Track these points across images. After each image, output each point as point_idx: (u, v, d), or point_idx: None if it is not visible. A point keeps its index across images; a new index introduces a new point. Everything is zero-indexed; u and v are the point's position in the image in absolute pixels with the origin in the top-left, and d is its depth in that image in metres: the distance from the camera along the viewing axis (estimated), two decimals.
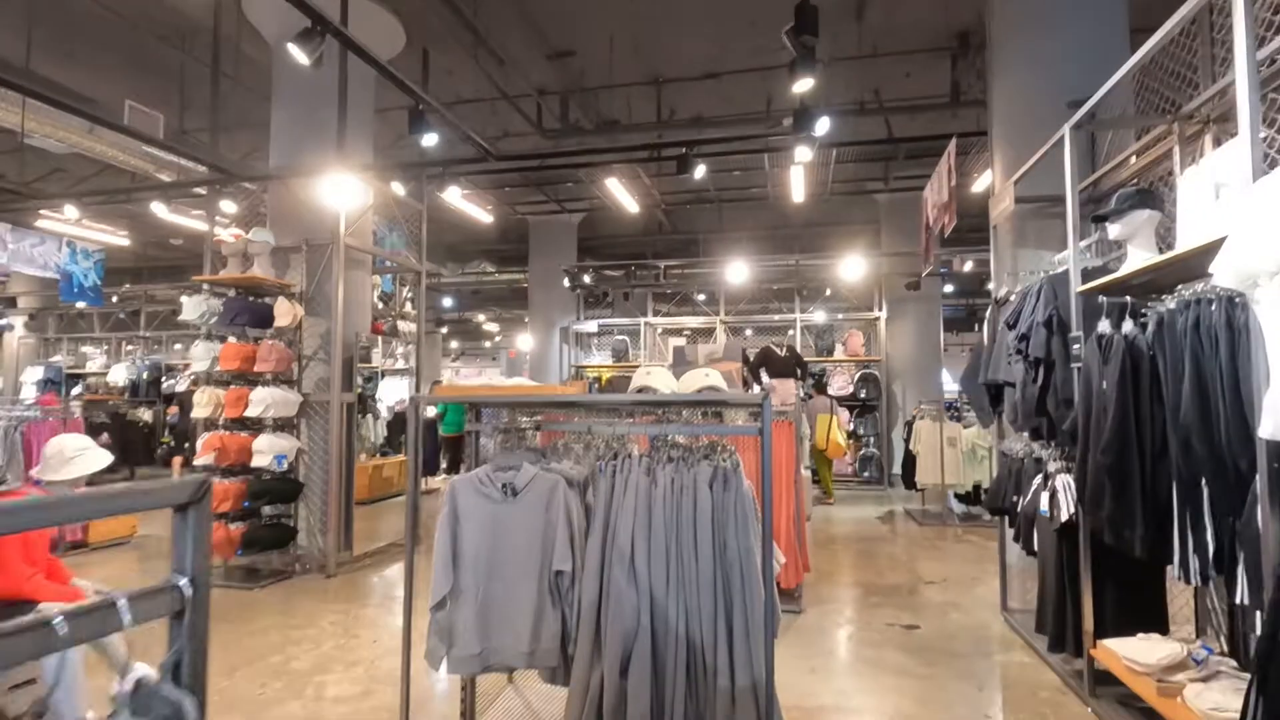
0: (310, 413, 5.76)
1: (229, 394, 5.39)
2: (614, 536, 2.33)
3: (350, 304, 5.89)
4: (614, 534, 2.34)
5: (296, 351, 5.72)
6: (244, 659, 3.85)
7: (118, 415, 12.08)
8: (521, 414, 3.20)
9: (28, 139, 7.44)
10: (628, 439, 2.73)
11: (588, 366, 12.30)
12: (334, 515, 5.57)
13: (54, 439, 3.12)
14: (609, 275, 12.23)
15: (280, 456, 5.39)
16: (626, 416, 2.97)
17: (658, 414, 2.86)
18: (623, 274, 11.72)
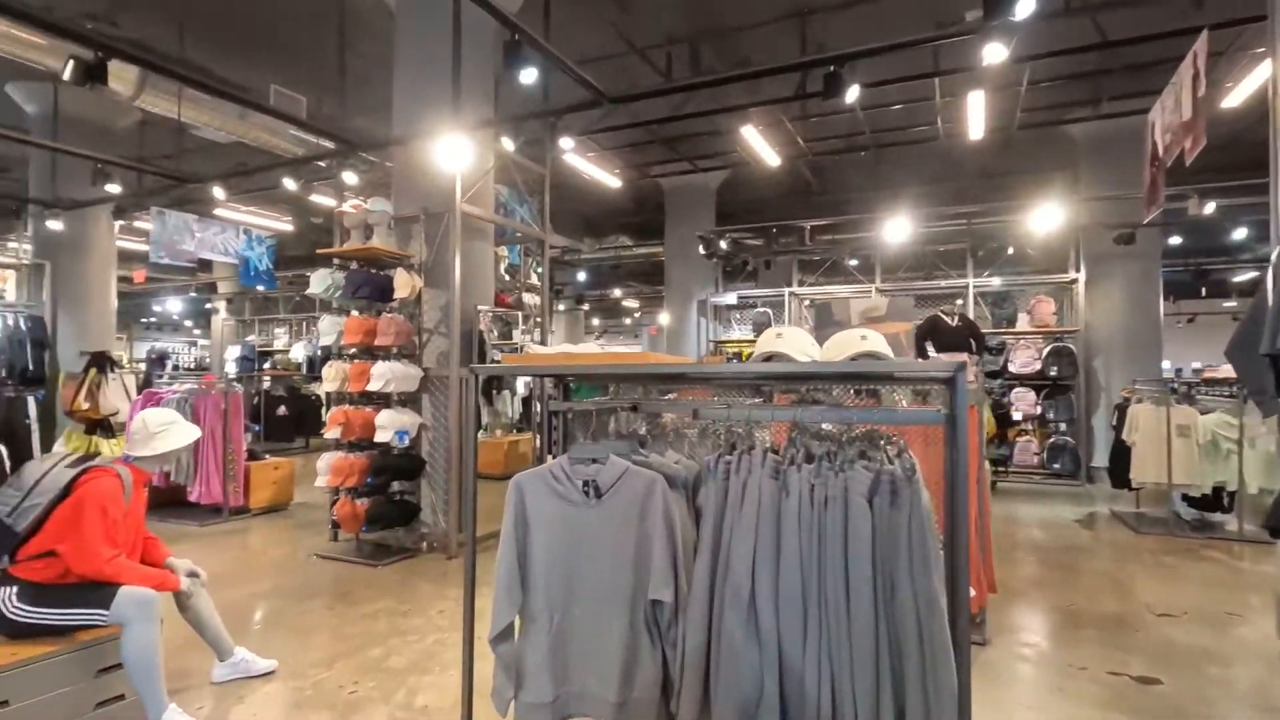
0: (431, 388, 5.58)
1: (353, 368, 5.31)
2: (727, 566, 1.65)
3: (470, 275, 5.61)
4: (727, 562, 1.65)
5: (416, 325, 5.54)
6: (346, 649, 3.62)
7: (293, 390, 13.18)
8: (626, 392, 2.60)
9: (195, 131, 7.97)
10: (756, 427, 2.03)
11: (727, 341, 11.52)
12: (454, 494, 5.35)
13: (138, 414, 2.97)
14: (748, 243, 11.33)
15: (402, 432, 5.24)
16: (751, 395, 2.26)
17: (797, 391, 2.12)
18: (764, 241, 10.77)
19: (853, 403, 1.91)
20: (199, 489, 6.67)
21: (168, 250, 9.86)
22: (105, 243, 9.26)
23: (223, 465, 6.73)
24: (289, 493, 7.40)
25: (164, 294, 18.35)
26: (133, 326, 22.52)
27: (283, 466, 7.35)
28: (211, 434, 6.72)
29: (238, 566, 5.20)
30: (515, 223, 6.38)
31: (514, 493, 1.98)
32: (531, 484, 1.98)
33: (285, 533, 6.33)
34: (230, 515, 6.78)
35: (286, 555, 5.52)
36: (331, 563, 5.24)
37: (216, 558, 5.40)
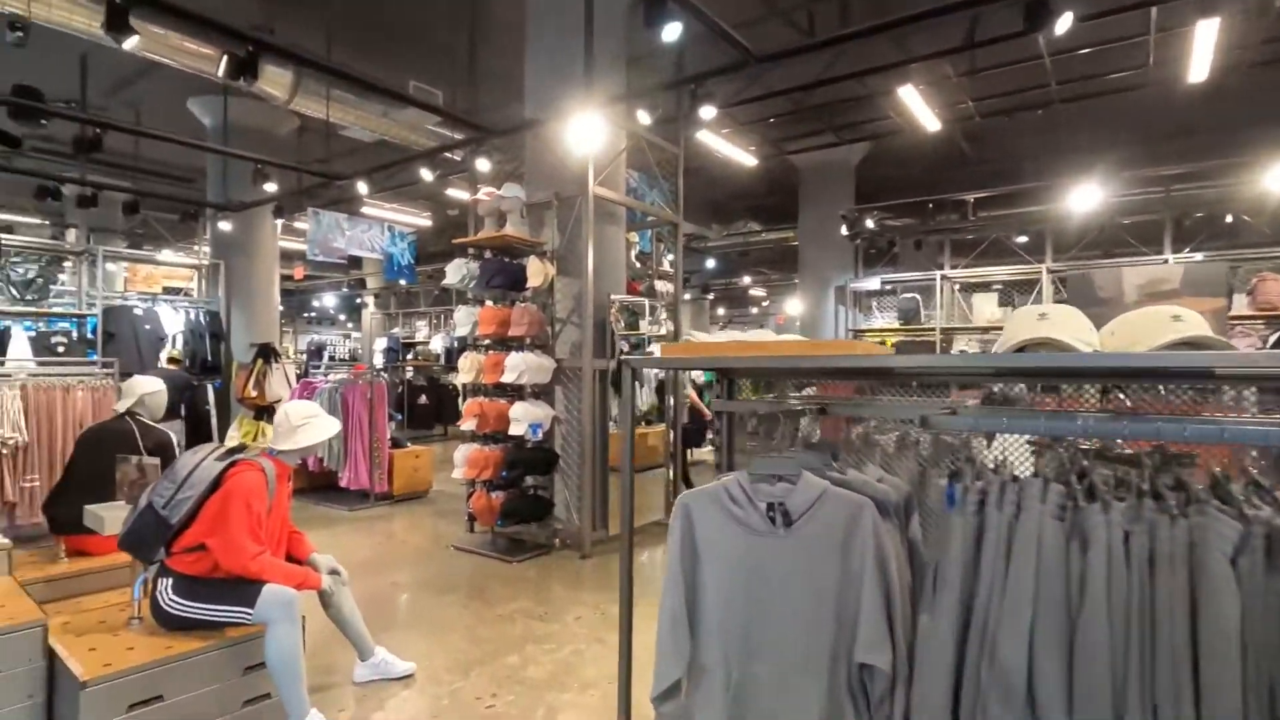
0: (564, 380, 5.39)
1: (487, 359, 5.21)
2: (992, 646, 1.17)
3: (602, 262, 5.35)
4: (991, 640, 1.18)
5: (549, 314, 5.36)
6: (483, 654, 3.45)
7: (433, 379, 13.78)
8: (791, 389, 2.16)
9: (343, 131, 8.32)
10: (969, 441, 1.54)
11: (867, 331, 10.66)
12: (588, 491, 5.13)
13: (281, 407, 2.90)
14: (889, 224, 10.39)
15: (535, 425, 5.08)
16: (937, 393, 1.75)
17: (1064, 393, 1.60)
18: (914, 219, 9.80)
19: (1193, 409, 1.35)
20: (348, 475, 6.95)
21: (322, 248, 10.49)
22: (269, 243, 9.98)
23: (369, 452, 6.96)
24: (428, 479, 7.58)
25: (321, 290, 19.94)
26: (296, 321, 24.78)
27: (423, 455, 7.53)
28: (359, 422, 6.97)
29: (381, 554, 5.27)
30: (648, 205, 6.05)
31: (680, 517, 1.60)
32: (701, 506, 1.59)
33: (425, 520, 6.43)
34: (376, 501, 7.02)
35: (425, 545, 5.55)
36: (468, 555, 5.19)
37: (363, 543, 5.53)
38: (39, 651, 2.46)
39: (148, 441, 3.86)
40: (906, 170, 11.62)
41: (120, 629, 2.64)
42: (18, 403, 5.37)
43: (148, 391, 4.03)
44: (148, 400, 4.03)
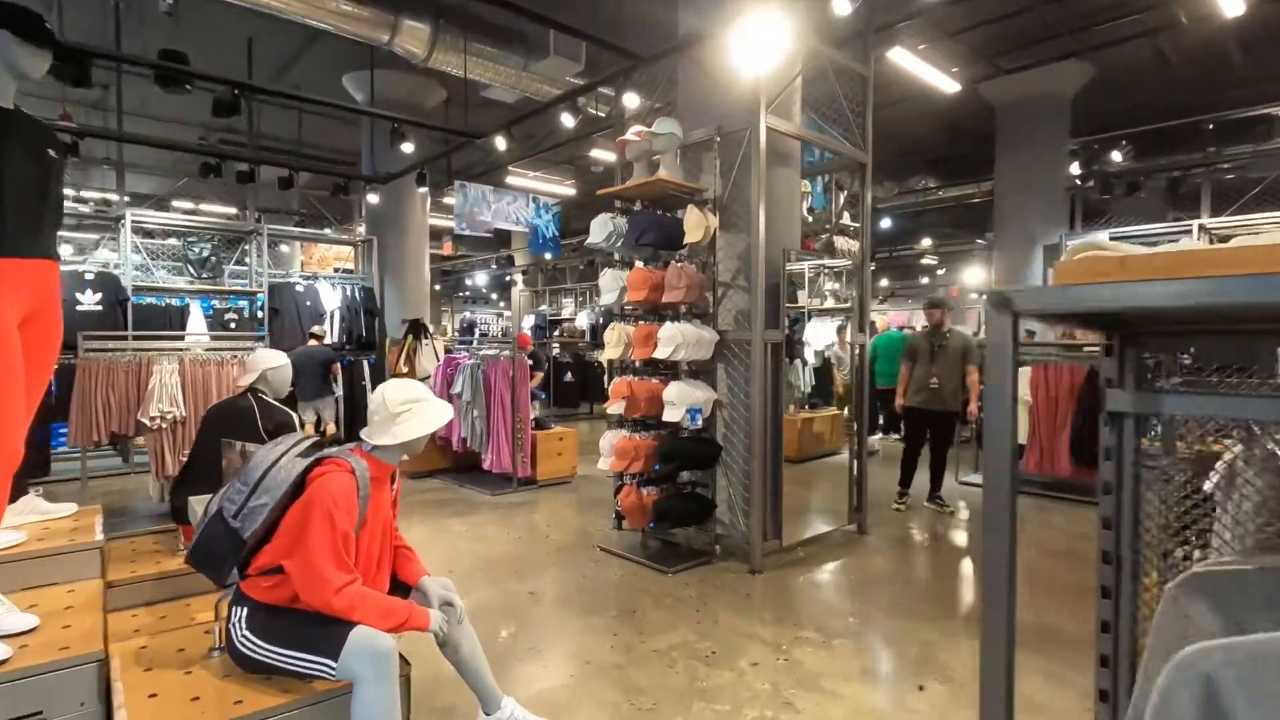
0: (727, 355, 4.46)
1: (637, 331, 4.40)
2: None
3: (775, 211, 4.34)
4: None
5: (710, 276, 4.44)
6: (636, 713, 2.65)
7: (578, 356, 13.42)
8: None
9: (484, 92, 7.86)
10: None
11: None
12: (758, 491, 4.19)
13: (378, 390, 2.22)
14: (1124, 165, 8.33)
15: (694, 410, 4.21)
16: None
17: None
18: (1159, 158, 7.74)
19: None
20: (490, 456, 6.52)
21: (469, 222, 10.29)
22: (419, 218, 9.92)
23: (511, 434, 6.48)
24: (572, 463, 7.01)
25: (474, 269, 20.47)
26: (453, 300, 25.93)
27: (567, 437, 6.97)
28: (500, 402, 6.50)
29: (521, 551, 4.68)
30: (832, 140, 4.90)
31: (1191, 699, 0.61)
32: (1252, 693, 0.58)
33: (568, 511, 5.82)
34: (518, 486, 6.55)
35: (569, 542, 4.90)
36: (616, 560, 4.46)
37: (502, 536, 4.99)
38: (94, 693, 1.97)
39: (268, 421, 3.44)
40: (1145, 98, 9.33)
41: (197, 661, 2.11)
42: (175, 377, 5.37)
43: (271, 366, 3.61)
44: (270, 376, 3.61)
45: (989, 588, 0.94)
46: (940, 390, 5.65)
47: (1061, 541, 4.99)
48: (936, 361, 5.69)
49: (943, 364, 5.68)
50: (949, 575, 4.32)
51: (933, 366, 5.67)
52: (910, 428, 5.96)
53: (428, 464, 7.23)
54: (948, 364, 5.68)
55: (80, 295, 6.94)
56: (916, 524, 5.44)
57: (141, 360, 5.26)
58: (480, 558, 4.51)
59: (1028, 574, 4.22)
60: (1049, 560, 4.55)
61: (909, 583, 4.13)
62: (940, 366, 5.68)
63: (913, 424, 5.90)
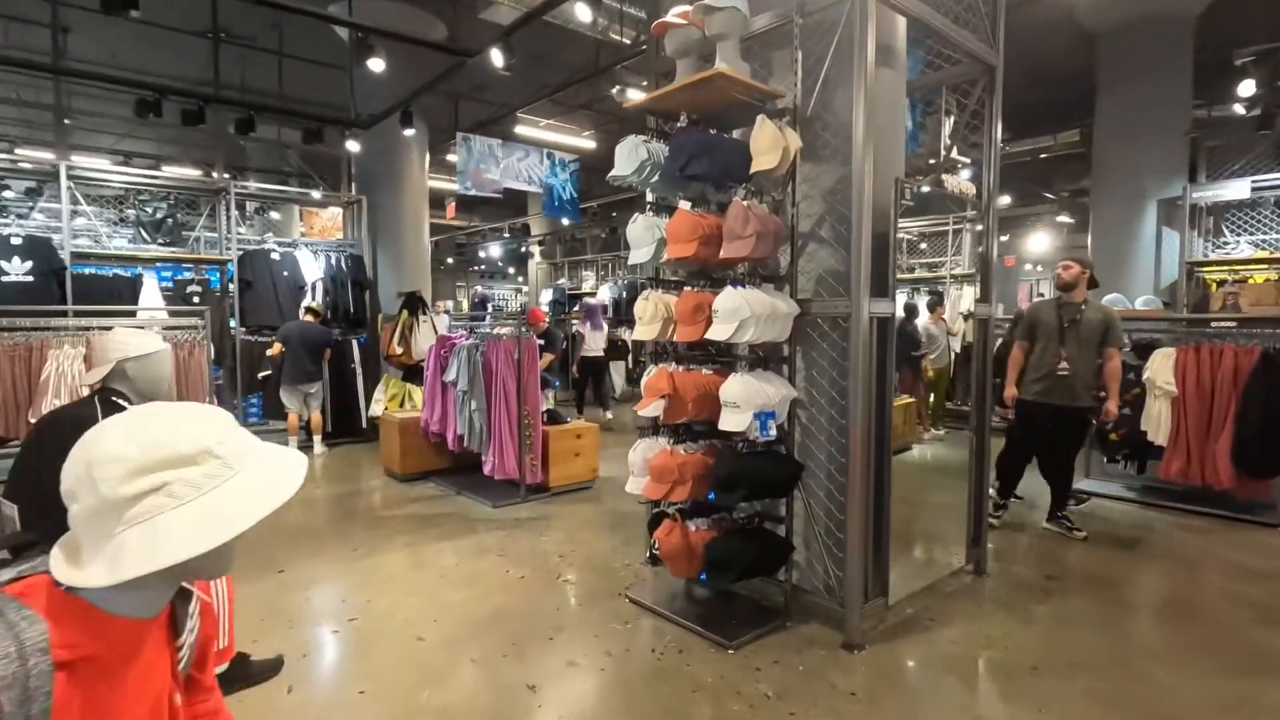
0: (810, 336, 3.15)
1: (681, 301, 3.10)
2: None
3: (880, 131, 2.97)
4: None
5: (788, 220, 3.11)
6: None
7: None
8: None
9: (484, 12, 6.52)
10: None
11: (1218, 264, 7.21)
12: (857, 530, 2.89)
13: (80, 442, 0.93)
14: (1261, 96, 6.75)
15: (766, 415, 2.91)
16: None
17: None
18: None
19: None
20: (492, 460, 5.30)
21: (474, 180, 9.00)
22: (416, 177, 8.64)
23: (518, 432, 5.25)
24: (593, 465, 5.77)
25: (487, 240, 19.21)
26: (468, 275, 24.75)
27: (586, 434, 5.71)
28: (503, 392, 5.25)
29: (523, 602, 3.46)
30: (956, 33, 3.44)
31: None
32: None
33: (588, 533, 4.58)
34: (526, 494, 5.33)
35: (587, 585, 3.66)
36: (650, 620, 3.21)
37: (501, 576, 3.77)
38: None
39: None
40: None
41: None
42: (80, 365, 4.22)
43: (132, 355, 2.38)
44: (133, 370, 2.38)
45: None
46: (1071, 379, 4.26)
47: (1222, 579, 3.63)
48: (1068, 341, 4.29)
49: (1076, 344, 4.28)
50: (1152, 647, 2.99)
51: (1062, 347, 4.28)
52: (1025, 426, 4.57)
53: (420, 464, 6.04)
54: (1082, 344, 4.28)
55: (6, 264, 5.81)
56: (1040, 554, 4.11)
57: (34, 343, 4.10)
58: (466, 617, 3.29)
59: (1174, 628, 2.89)
60: (1211, 609, 3.21)
61: (1094, 668, 2.82)
62: (1073, 347, 4.28)
63: (1029, 422, 4.50)
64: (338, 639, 3.04)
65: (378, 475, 6.24)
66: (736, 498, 2.92)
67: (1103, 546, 4.28)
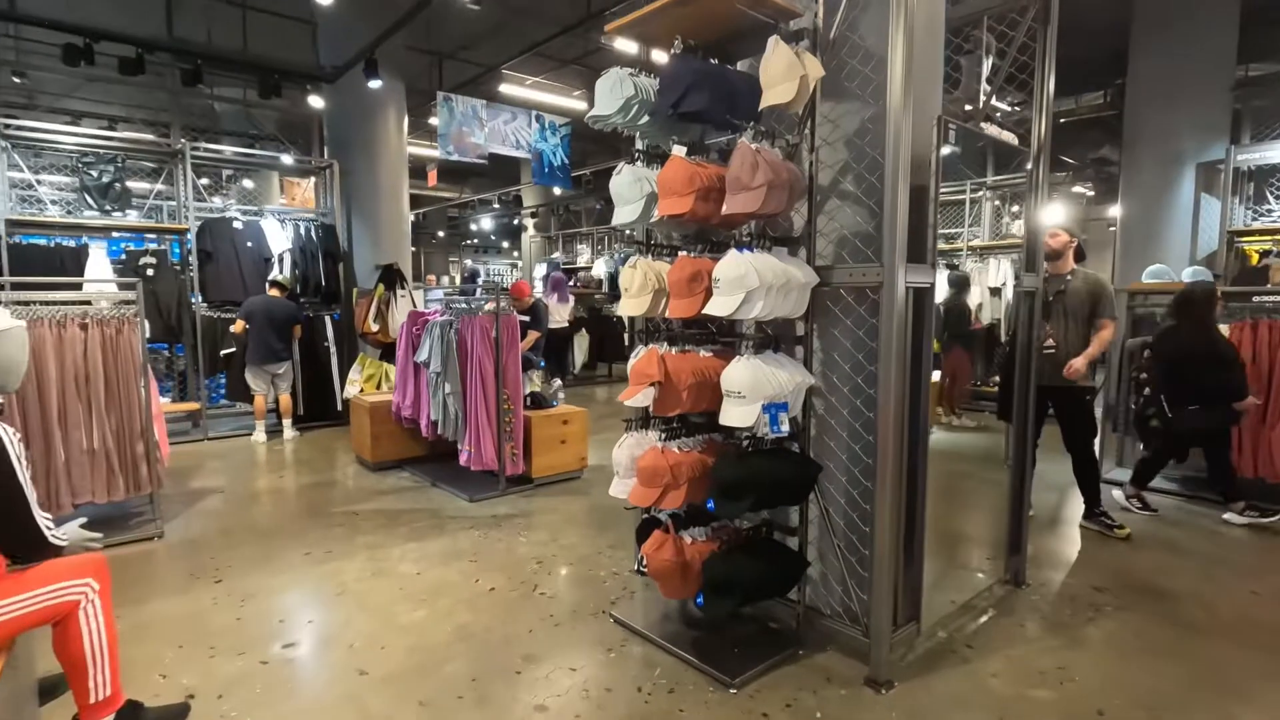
0: (829, 312, 2.61)
1: (674, 269, 2.55)
2: None
3: (920, 60, 2.40)
4: None
5: (805, 170, 2.55)
6: None
7: (594, 310, 11.61)
8: None
9: None
10: None
11: (1262, 234, 6.65)
12: (886, 544, 2.39)
13: None
14: None
15: (776, 408, 2.38)
16: None
17: None
18: None
19: None
20: (468, 450, 4.80)
21: (456, 144, 8.39)
22: (393, 140, 8.02)
23: (496, 419, 4.74)
24: (580, 453, 5.27)
25: (478, 213, 18.55)
26: (460, 249, 24.10)
27: (574, 420, 5.20)
28: (480, 374, 4.73)
29: (491, 622, 2.97)
30: None
31: None
32: None
33: (571, 533, 4.09)
34: (507, 487, 4.84)
35: (567, 601, 3.18)
36: (639, 646, 2.73)
37: (468, 589, 3.28)
38: None
39: None
40: None
41: None
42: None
43: None
44: None
45: None
46: (1058, 357, 3.82)
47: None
48: (1053, 315, 3.88)
49: (1062, 318, 3.87)
50: (1238, 684, 2.51)
51: (1047, 323, 3.83)
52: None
53: (393, 452, 5.55)
54: (1070, 318, 3.86)
55: None
56: (1083, 559, 3.63)
57: None
58: (422, 642, 2.80)
59: (1259, 656, 2.41)
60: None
61: (1172, 710, 2.33)
62: (1059, 322, 3.88)
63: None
64: (265, 673, 2.55)
65: (348, 464, 5.75)
66: (741, 507, 2.40)
67: (1149, 548, 3.80)
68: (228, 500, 4.74)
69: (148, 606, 3.10)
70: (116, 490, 3.91)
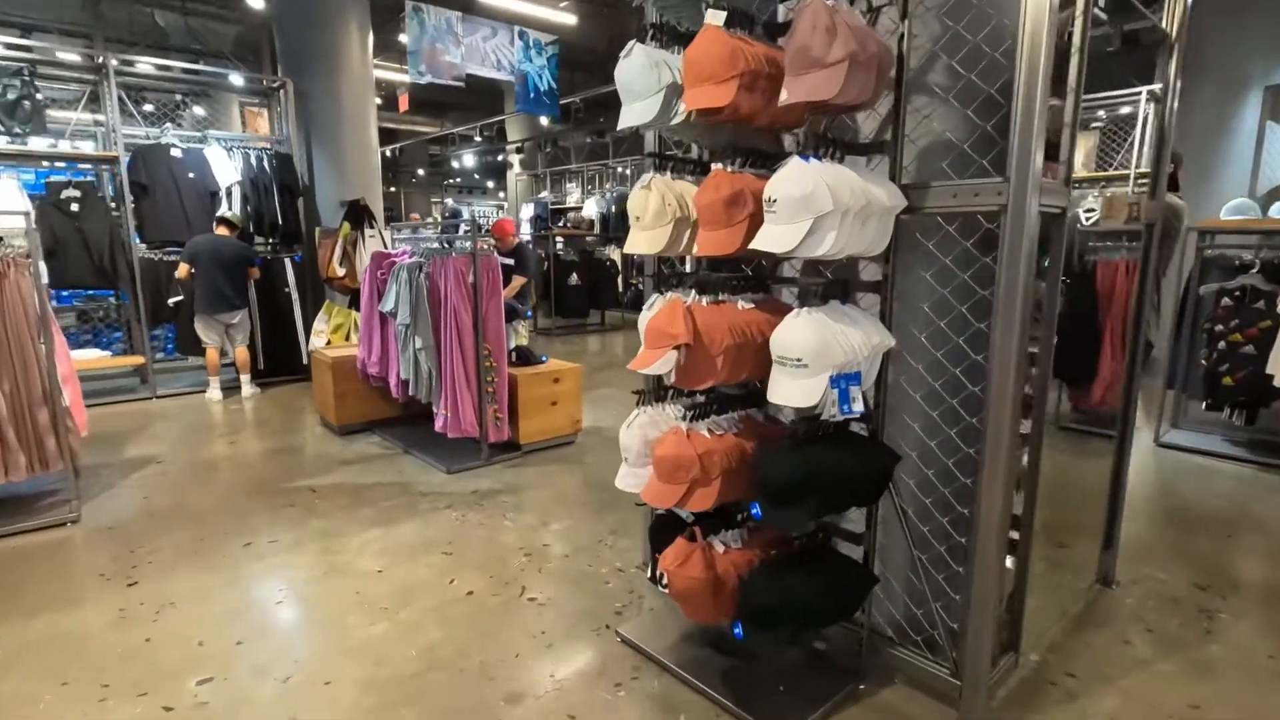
0: (915, 247, 1.93)
1: (706, 189, 1.85)
2: None
3: None
4: None
5: (895, 47, 1.83)
6: None
7: (586, 253, 10.82)
8: None
9: None
10: None
11: None
12: (990, 561, 1.78)
13: None
14: None
15: (848, 381, 1.73)
16: None
17: None
18: None
19: None
20: (444, 414, 4.14)
21: (429, 65, 7.44)
22: (357, 60, 7.06)
23: (475, 379, 4.08)
24: (574, 415, 4.64)
25: (460, 148, 17.40)
26: (443, 189, 22.90)
27: (565, 376, 4.55)
28: (455, 326, 4.03)
29: (465, 641, 2.38)
30: None
31: None
32: None
33: (565, 514, 3.49)
34: (490, 456, 4.22)
35: (565, 609, 2.59)
36: (652, 673, 2.14)
37: (439, 594, 2.68)
38: None
39: None
40: None
41: None
42: None
43: None
44: None
45: None
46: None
47: None
48: None
49: None
50: None
51: None
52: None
53: (361, 413, 4.90)
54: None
55: None
56: (1170, 547, 3.07)
57: None
58: (377, 675, 2.20)
59: None
60: None
61: None
62: None
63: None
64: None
65: (311, 426, 5.10)
66: (800, 517, 1.77)
67: (1244, 531, 3.24)
68: (165, 473, 4.09)
69: (37, 622, 2.48)
70: (16, 469, 3.24)
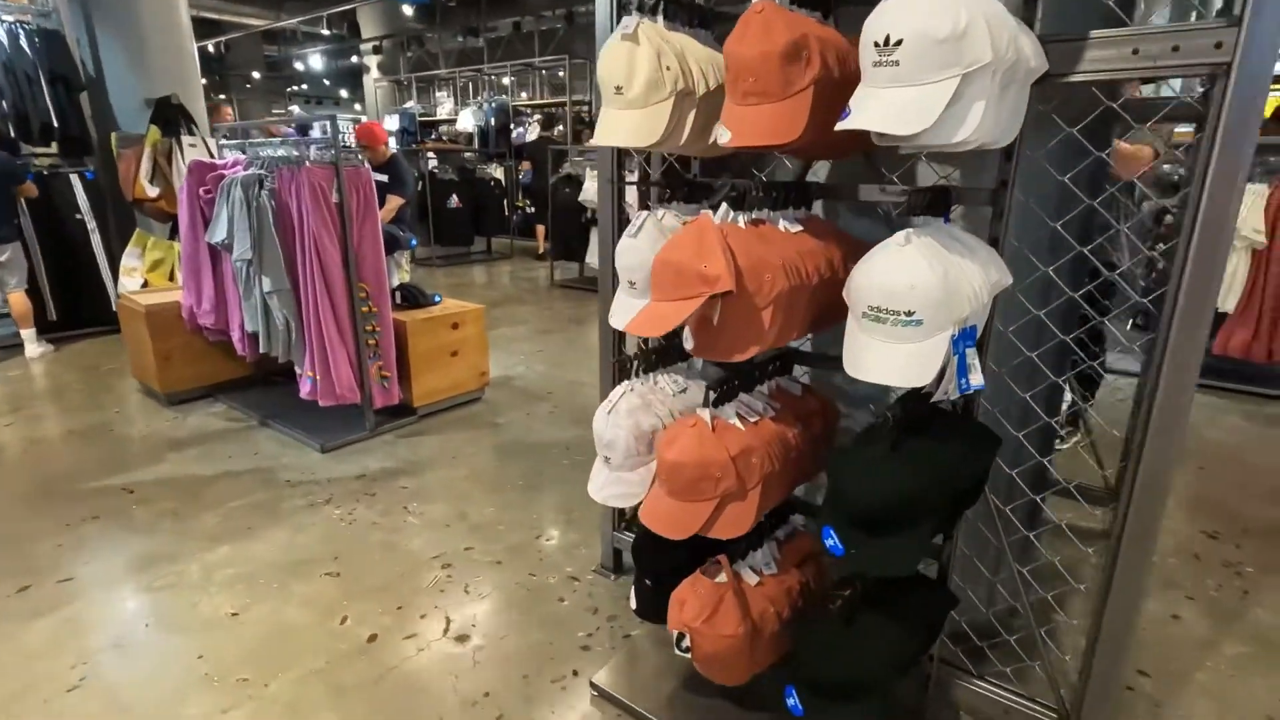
0: (1049, 137, 1.31)
1: (742, 35, 1.10)
2: None
3: None
4: None
5: None
6: None
7: (466, 171, 9.56)
8: None
9: None
10: None
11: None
12: (1129, 585, 1.29)
13: None
14: None
15: (965, 339, 1.11)
16: None
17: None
18: None
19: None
20: (311, 377, 3.19)
21: None
22: None
23: (352, 327, 3.15)
24: (480, 365, 3.83)
25: (304, 47, 14.91)
26: (287, 99, 19.84)
27: (466, 320, 3.69)
28: (317, 260, 3.04)
29: (360, 712, 1.65)
30: None
31: None
32: None
33: (487, 497, 2.76)
34: (378, 425, 3.36)
35: (507, 652, 1.91)
36: None
37: (307, 650, 1.90)
38: None
39: None
40: None
41: None
42: None
43: None
44: None
45: None
46: None
47: None
48: None
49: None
50: None
51: None
52: None
53: (197, 376, 3.81)
54: None
55: None
56: None
57: None
58: None
59: None
60: None
61: None
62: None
63: None
64: None
65: (126, 395, 3.93)
66: (913, 548, 1.17)
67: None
68: None
69: None
70: None
